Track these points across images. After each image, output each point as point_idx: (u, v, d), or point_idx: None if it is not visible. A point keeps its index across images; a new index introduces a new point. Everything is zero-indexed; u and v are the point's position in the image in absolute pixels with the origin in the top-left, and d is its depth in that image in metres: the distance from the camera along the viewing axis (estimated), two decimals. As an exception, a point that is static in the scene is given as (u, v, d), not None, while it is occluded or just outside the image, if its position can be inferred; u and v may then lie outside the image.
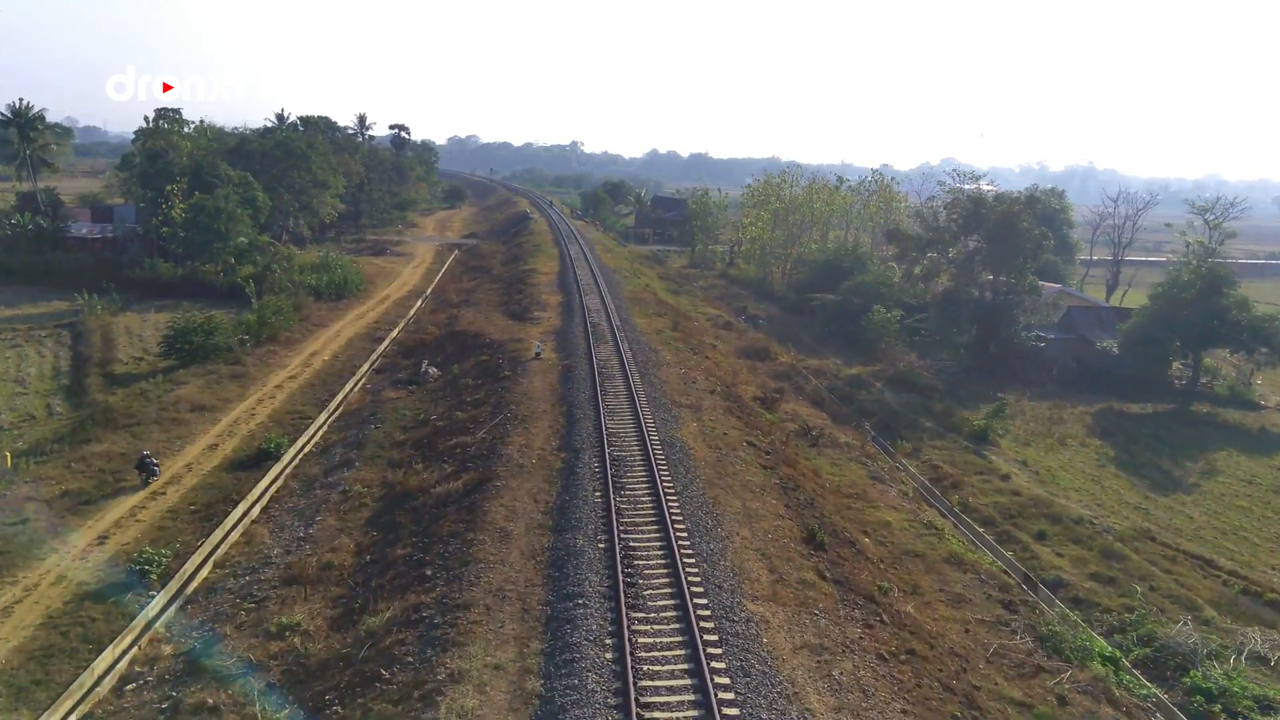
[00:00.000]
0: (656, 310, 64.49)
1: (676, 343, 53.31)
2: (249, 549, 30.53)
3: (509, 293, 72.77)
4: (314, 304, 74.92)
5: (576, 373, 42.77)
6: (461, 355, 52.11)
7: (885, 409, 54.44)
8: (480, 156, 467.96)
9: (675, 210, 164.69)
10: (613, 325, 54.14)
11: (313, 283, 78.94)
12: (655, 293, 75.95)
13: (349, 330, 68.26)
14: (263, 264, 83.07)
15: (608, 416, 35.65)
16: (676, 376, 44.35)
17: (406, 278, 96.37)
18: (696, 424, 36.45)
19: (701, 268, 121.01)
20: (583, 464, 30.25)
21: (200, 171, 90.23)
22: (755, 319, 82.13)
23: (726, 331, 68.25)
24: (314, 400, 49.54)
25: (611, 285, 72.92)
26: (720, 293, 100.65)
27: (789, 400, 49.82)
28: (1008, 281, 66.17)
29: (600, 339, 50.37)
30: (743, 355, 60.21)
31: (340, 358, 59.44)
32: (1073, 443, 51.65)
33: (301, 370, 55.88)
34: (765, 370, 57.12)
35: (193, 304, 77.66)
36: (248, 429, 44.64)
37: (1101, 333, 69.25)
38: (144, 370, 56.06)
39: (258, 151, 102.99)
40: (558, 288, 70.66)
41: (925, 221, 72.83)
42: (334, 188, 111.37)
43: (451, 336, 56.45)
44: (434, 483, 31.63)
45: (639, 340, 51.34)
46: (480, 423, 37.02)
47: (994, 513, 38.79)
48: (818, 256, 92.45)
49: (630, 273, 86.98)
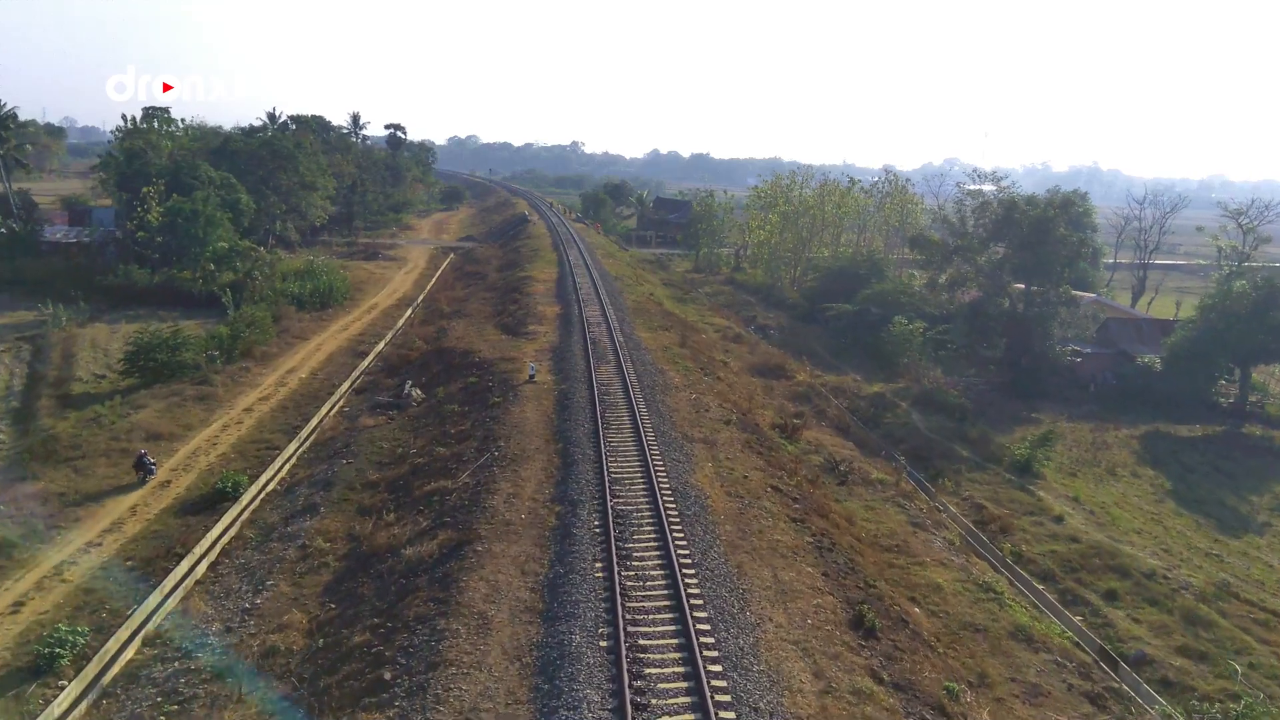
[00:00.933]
0: (662, 322, 59.69)
1: (685, 361, 48.50)
2: (184, 623, 25.70)
3: (504, 303, 67.97)
4: (296, 314, 70.20)
5: (575, 400, 37.96)
6: (448, 376, 47.31)
7: (915, 434, 49.63)
8: (480, 157, 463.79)
9: (678, 212, 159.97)
10: (615, 341, 49.38)
11: (295, 291, 74.22)
12: (660, 302, 71.16)
13: (331, 344, 63.48)
14: (243, 271, 78.33)
15: (610, 456, 30.85)
16: (687, 403, 39.54)
17: (397, 284, 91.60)
18: (712, 464, 31.64)
19: (707, 272, 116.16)
20: (581, 522, 25.43)
21: (179, 172, 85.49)
22: (766, 329, 77.33)
23: (737, 345, 63.43)
24: (285, 427, 44.76)
25: (613, 294, 68.15)
26: (727, 300, 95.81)
27: (810, 426, 45.04)
28: (1040, 291, 61.35)
29: (601, 358, 45.58)
30: (756, 373, 55.40)
31: (319, 376, 54.69)
32: (1123, 473, 46.85)
33: (275, 390, 51.11)
34: (782, 390, 52.33)
35: (168, 313, 73.04)
36: (207, 462, 39.86)
37: (1141, 346, 64.43)
38: (104, 390, 51.30)
39: (242, 152, 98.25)
40: (556, 297, 65.86)
41: (951, 227, 67.99)
42: (323, 189, 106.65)
43: (439, 354, 51.65)
44: (406, 540, 26.83)
45: (644, 358, 46.55)
46: (464, 462, 32.22)
47: (1052, 564, 34.02)
48: (831, 263, 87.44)
49: (633, 279, 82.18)
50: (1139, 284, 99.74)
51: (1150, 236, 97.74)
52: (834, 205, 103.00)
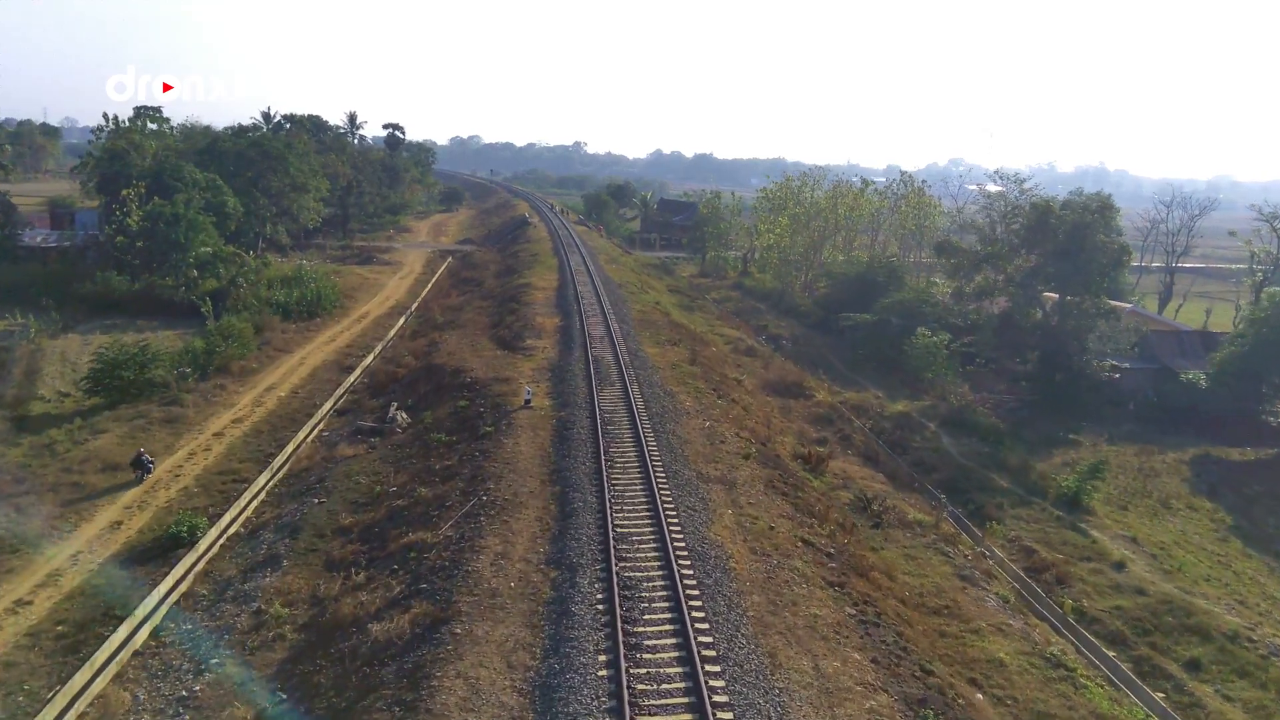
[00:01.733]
0: (670, 335, 55.55)
1: (696, 380, 44.37)
2: (106, 717, 21.59)
3: (500, 313, 63.85)
4: (280, 325, 66.12)
5: (575, 430, 33.84)
6: (437, 397, 43.22)
7: (947, 461, 45.49)
8: (482, 157, 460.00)
9: (683, 214, 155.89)
10: (619, 358, 45.28)
11: (282, 300, 70.15)
12: (667, 311, 67.02)
13: (316, 357, 59.40)
14: (227, 278, 74.29)
15: (615, 504, 26.73)
16: (700, 432, 35.42)
17: (391, 290, 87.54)
18: (732, 511, 27.51)
19: (714, 277, 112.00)
20: (580, 594, 21.31)
21: (162, 174, 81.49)
22: (778, 340, 73.20)
23: (750, 359, 59.27)
24: (257, 454, 40.68)
25: (617, 303, 64.03)
26: (736, 307, 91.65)
27: (835, 455, 40.92)
28: (1076, 302, 57.12)
29: (605, 378, 41.46)
30: (772, 391, 51.26)
31: (300, 394, 50.61)
32: (1178, 505, 42.68)
33: (250, 411, 47.03)
34: (801, 412, 48.19)
35: (148, 323, 69.17)
36: (166, 498, 35.78)
37: (1183, 361, 60.18)
38: (67, 410, 47.28)
39: (230, 152, 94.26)
40: (556, 307, 61.74)
41: (980, 233, 63.73)
42: (315, 191, 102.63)
43: (428, 371, 47.56)
44: (375, 611, 22.72)
45: (652, 378, 42.43)
46: (447, 508, 28.11)
47: (1121, 624, 29.90)
48: (845, 269, 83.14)
49: (637, 286, 78.06)
50: (1165, 290, 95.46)
51: (1178, 240, 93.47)
52: (846, 208, 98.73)
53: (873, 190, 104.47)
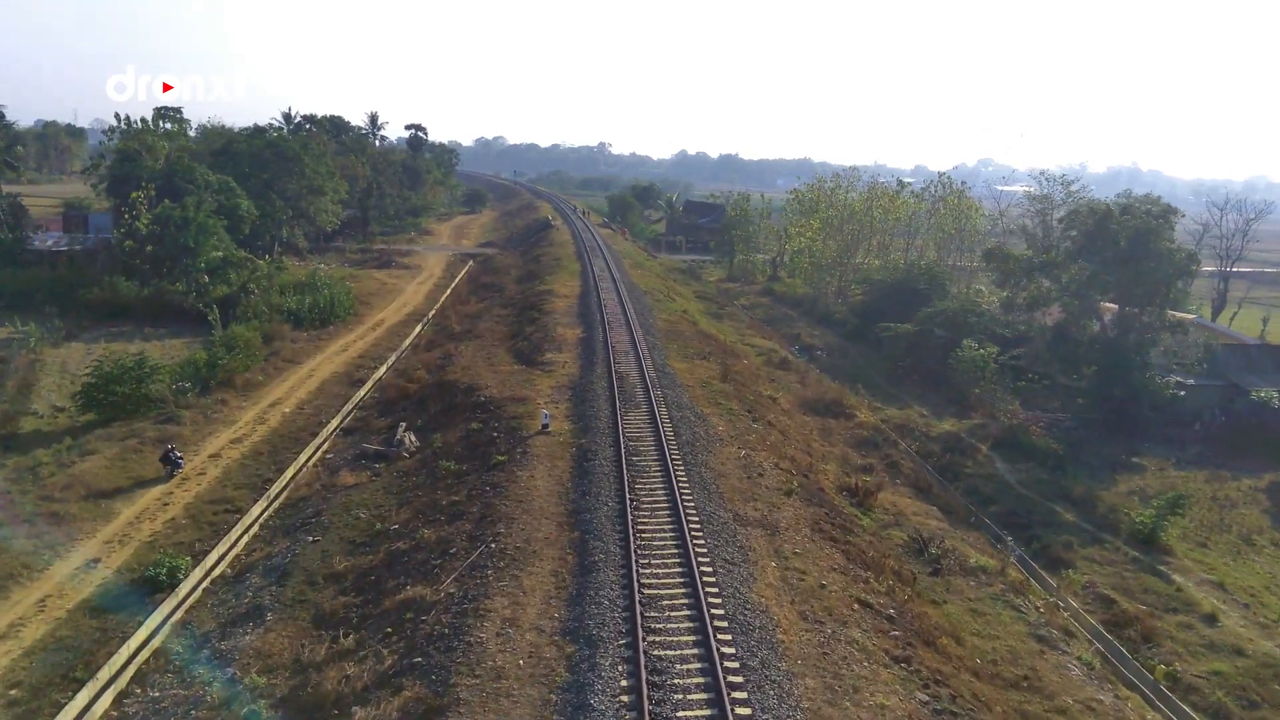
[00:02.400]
0: (699, 348, 52.07)
1: (728, 400, 40.86)
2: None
3: (520, 322, 60.68)
4: (290, 333, 63.37)
5: (597, 461, 30.46)
6: (448, 418, 40.03)
7: (1004, 490, 41.68)
8: (507, 158, 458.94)
9: (710, 216, 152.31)
10: (645, 375, 41.86)
11: (293, 307, 67.43)
12: (694, 320, 63.54)
13: (326, 368, 56.49)
14: (237, 284, 71.71)
15: (641, 555, 23.32)
16: (735, 463, 31.92)
17: (409, 296, 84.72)
18: (776, 564, 24.00)
19: (742, 282, 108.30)
20: (601, 680, 17.89)
21: (173, 176, 79.17)
22: (812, 350, 69.48)
23: (784, 373, 55.63)
24: (254, 480, 37.69)
25: (642, 312, 60.63)
26: (766, 314, 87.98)
27: (884, 484, 37.24)
28: (1136, 313, 52.93)
29: (629, 399, 38.05)
30: (810, 410, 47.60)
31: (305, 410, 47.66)
32: (1262, 541, 38.61)
33: (251, 430, 44.09)
34: (842, 433, 44.51)
35: (156, 330, 66.85)
36: (151, 530, 32.81)
37: (1253, 378, 55.71)
38: (60, 427, 44.65)
39: (246, 154, 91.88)
40: (578, 316, 58.45)
41: (1032, 238, 59.62)
42: (332, 193, 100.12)
43: (440, 388, 44.39)
44: (361, 690, 19.43)
45: (680, 399, 38.96)
46: (451, 554, 24.83)
47: (1221, 693, 26.07)
48: (883, 275, 78.89)
49: (664, 294, 74.62)
50: (1219, 297, 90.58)
51: (1233, 245, 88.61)
52: (881, 210, 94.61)
53: (909, 192, 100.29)
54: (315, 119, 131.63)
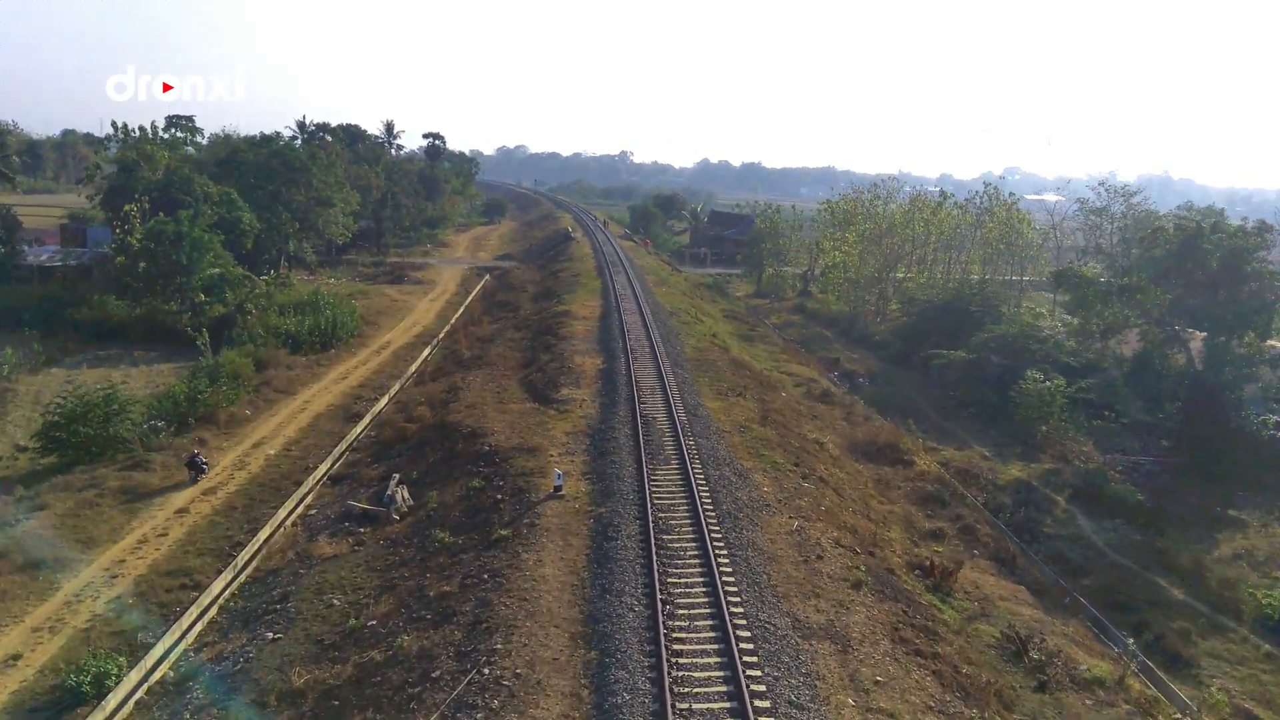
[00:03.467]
0: (733, 381, 46.51)
1: (771, 450, 35.24)
2: None
3: (534, 348, 55.38)
4: (287, 359, 58.43)
5: (619, 543, 24.96)
6: (448, 470, 34.68)
7: (1094, 556, 35.74)
8: (528, 166, 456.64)
9: (736, 227, 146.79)
10: (675, 418, 36.35)
11: (292, 329, 62.47)
12: (726, 346, 57.97)
13: (322, 400, 51.43)
14: (233, 303, 67.00)
15: (678, 692, 17.77)
16: (788, 540, 26.31)
17: (419, 315, 79.80)
18: (854, 700, 18.39)
19: (772, 298, 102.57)
20: None
21: (170, 187, 74.78)
22: (854, 378, 63.71)
23: (828, 408, 49.88)
24: (221, 543, 32.50)
25: (669, 337, 55.18)
26: (800, 334, 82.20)
27: (960, 555, 31.46)
28: (1226, 343, 46.82)
29: (657, 450, 32.54)
30: (862, 455, 41.83)
31: (293, 452, 42.56)
32: None
33: (228, 478, 38.96)
34: (902, 485, 38.71)
35: (146, 353, 62.33)
36: (89, 613, 27.62)
37: (1364, 417, 49.50)
38: (18, 471, 39.91)
39: (251, 164, 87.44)
40: (598, 342, 53.07)
41: (1108, 260, 53.63)
42: (342, 205, 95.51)
43: (442, 431, 39.06)
44: None
45: (717, 450, 33.41)
46: (433, 680, 19.38)
47: None
48: (929, 295, 72.70)
49: (690, 313, 69.11)
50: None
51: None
52: (923, 223, 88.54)
53: (952, 203, 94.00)
54: (329, 128, 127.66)
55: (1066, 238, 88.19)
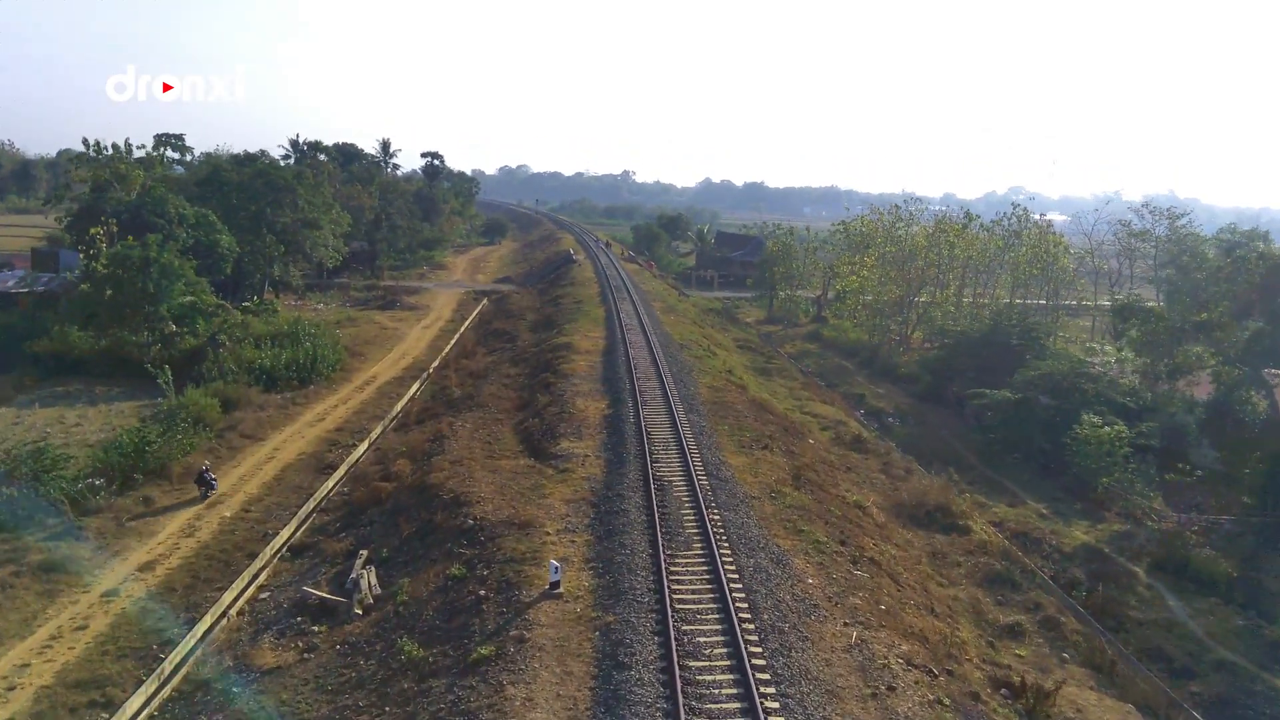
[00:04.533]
0: (755, 429, 40.97)
1: (810, 523, 29.66)
2: None
3: (532, 386, 49.92)
4: (259, 397, 53.04)
5: (632, 673, 19.34)
6: (425, 549, 29.10)
7: (1196, 651, 30.00)
8: (530, 186, 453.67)
9: (744, 249, 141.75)
10: (694, 482, 30.85)
11: (267, 364, 57.07)
12: (743, 384, 52.49)
13: (292, 447, 45.91)
14: (206, 334, 61.63)
15: None
16: (848, 663, 20.70)
17: (410, 345, 74.45)
18: None
19: (784, 324, 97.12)
20: None
21: (142, 209, 69.65)
22: (883, 417, 58.17)
23: (861, 457, 44.31)
24: (150, 641, 26.87)
25: (680, 375, 49.73)
26: (818, 364, 76.69)
27: (1043, 657, 25.80)
28: (1312, 384, 41.47)
29: (676, 530, 26.97)
30: (909, 519, 36.19)
31: (252, 513, 37.03)
32: None
33: (172, 548, 33.43)
34: (963, 561, 32.96)
35: (109, 389, 56.87)
36: (-33, 747, 22.08)
37: None
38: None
39: (234, 184, 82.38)
40: (602, 382, 47.60)
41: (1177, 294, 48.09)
42: (329, 226, 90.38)
43: (420, 495, 33.49)
44: None
45: (747, 528, 27.84)
46: None
47: None
48: (963, 326, 66.83)
49: (702, 346, 63.67)
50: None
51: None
52: (948, 246, 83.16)
53: (978, 225, 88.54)
54: (321, 146, 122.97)
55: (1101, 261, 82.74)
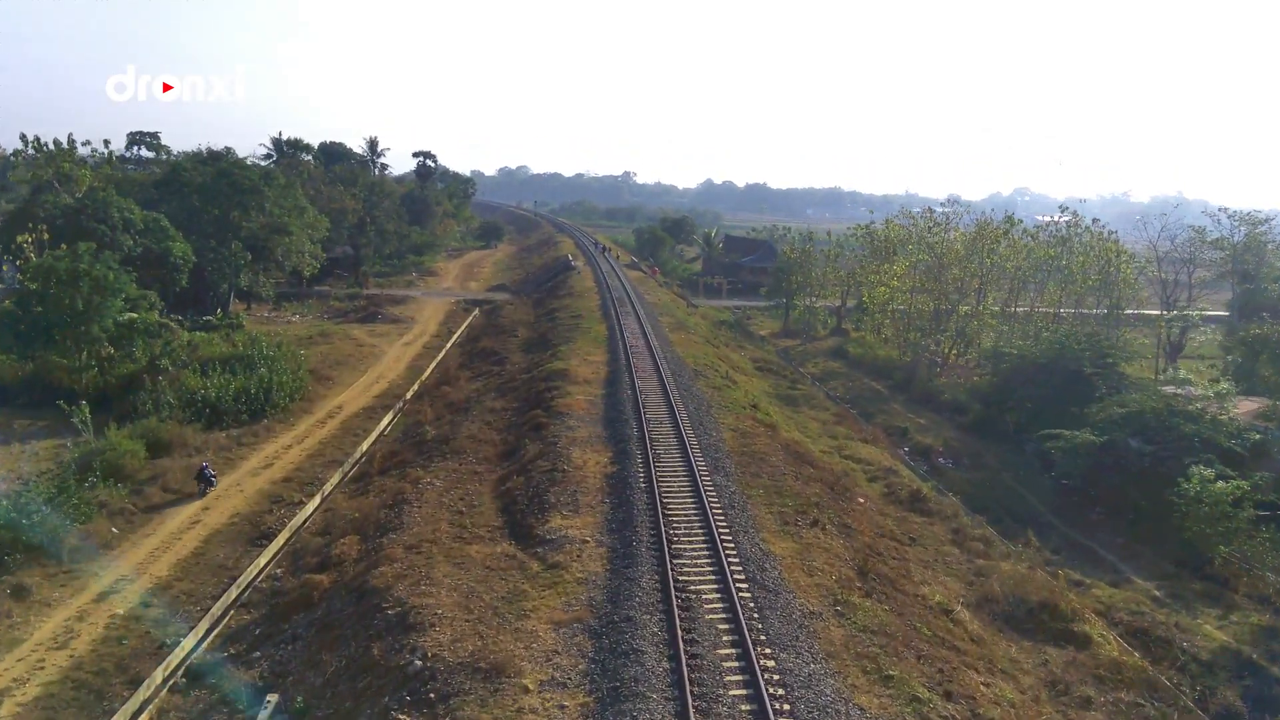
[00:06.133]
0: (797, 492, 32.58)
1: (898, 660, 21.30)
2: None
3: (519, 426, 41.53)
4: (198, 437, 44.82)
5: None
6: (354, 697, 20.71)
7: None
8: (530, 187, 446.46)
9: (754, 254, 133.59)
10: (733, 591, 22.52)
11: (212, 395, 48.71)
12: (773, 424, 44.11)
13: (225, 506, 37.49)
14: (144, 359, 53.34)
15: None
16: None
17: (388, 365, 66.21)
18: None
19: (803, 338, 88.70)
20: None
21: (81, 214, 61.36)
22: (933, 457, 49.82)
23: (924, 521, 35.85)
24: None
25: (699, 415, 41.39)
26: (845, 386, 68.32)
27: None
28: None
29: (713, 684, 18.63)
30: (1006, 623, 27.75)
31: (152, 610, 28.68)
32: None
33: (34, 671, 25.07)
34: (1094, 693, 24.47)
35: (33, 422, 48.68)
36: None
37: None
38: None
39: (195, 185, 74.09)
40: (604, 424, 39.23)
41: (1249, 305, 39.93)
42: (302, 231, 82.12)
43: (361, 605, 25.07)
44: None
45: (814, 674, 19.51)
46: None
47: None
48: (1024, 347, 58.03)
49: (719, 371, 55.32)
50: None
51: None
52: (987, 252, 74.51)
53: (1020, 230, 79.78)
54: (302, 144, 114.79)
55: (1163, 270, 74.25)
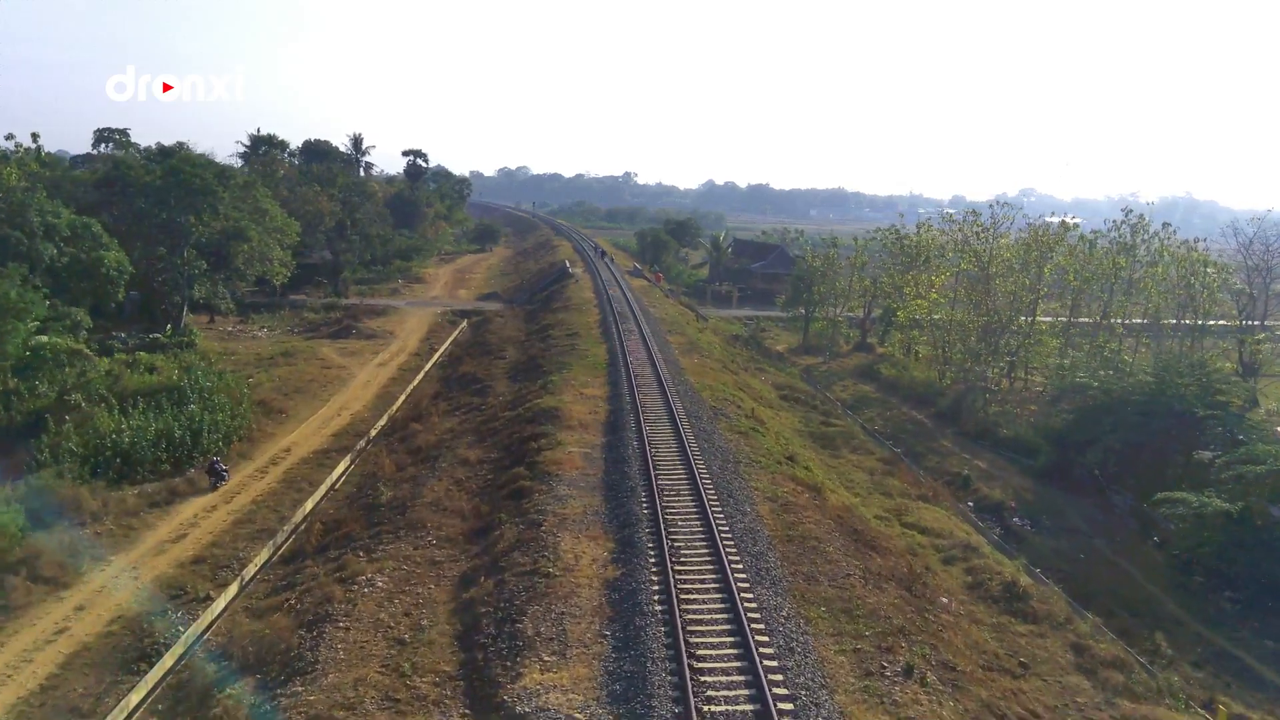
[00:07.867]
0: (873, 614, 23.75)
1: None
2: None
3: (496, 489, 32.66)
4: (98, 498, 35.94)
5: None
6: None
7: None
8: (530, 188, 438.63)
9: (764, 259, 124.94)
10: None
11: (125, 443, 39.65)
12: (817, 484, 35.24)
13: (104, 608, 28.65)
14: (52, 393, 44.57)
15: None
16: None
17: (354, 393, 57.41)
18: None
19: (825, 355, 79.88)
20: None
21: (-5, 219, 52.60)
22: (1003, 513, 40.94)
23: (1034, 632, 26.96)
24: None
25: (725, 473, 32.59)
26: (883, 417, 59.42)
27: None
28: None
29: None
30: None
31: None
32: None
33: None
34: None
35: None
36: None
37: None
38: None
39: (141, 185, 65.29)
40: (603, 493, 30.40)
41: None
42: (272, 236, 73.42)
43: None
44: None
45: None
46: None
47: None
48: (1112, 383, 48.19)
49: (742, 408, 46.46)
50: None
51: None
52: (1034, 260, 65.30)
53: (1075, 235, 70.58)
54: (276, 140, 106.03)
55: (1251, 284, 65.20)
